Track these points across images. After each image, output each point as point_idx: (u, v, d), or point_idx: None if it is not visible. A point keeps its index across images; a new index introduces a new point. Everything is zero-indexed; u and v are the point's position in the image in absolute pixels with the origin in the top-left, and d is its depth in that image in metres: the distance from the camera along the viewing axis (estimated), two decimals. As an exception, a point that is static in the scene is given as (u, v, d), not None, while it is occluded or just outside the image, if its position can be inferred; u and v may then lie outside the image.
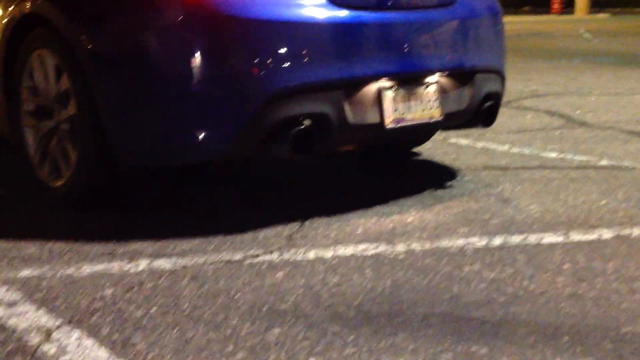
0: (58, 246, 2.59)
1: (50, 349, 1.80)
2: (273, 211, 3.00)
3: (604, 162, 3.82)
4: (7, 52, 3.19)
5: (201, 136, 2.68)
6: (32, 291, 2.18)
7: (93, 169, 2.88)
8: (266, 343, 1.84)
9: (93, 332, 1.90)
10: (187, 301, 2.10)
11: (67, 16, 2.87)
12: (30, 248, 2.58)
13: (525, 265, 2.36)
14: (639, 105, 5.85)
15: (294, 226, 2.79)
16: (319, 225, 2.80)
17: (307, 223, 2.83)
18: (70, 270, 2.36)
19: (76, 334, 1.89)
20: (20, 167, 3.36)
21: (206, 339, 1.86)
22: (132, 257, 2.48)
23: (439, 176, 3.60)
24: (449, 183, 3.44)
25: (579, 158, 3.93)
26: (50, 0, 2.96)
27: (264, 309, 2.05)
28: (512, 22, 25.84)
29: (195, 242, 2.62)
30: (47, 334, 1.88)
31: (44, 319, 1.98)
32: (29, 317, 1.99)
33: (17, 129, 3.23)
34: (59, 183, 3.04)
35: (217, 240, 2.64)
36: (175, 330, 1.91)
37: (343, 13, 2.77)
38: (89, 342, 1.84)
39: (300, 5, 2.71)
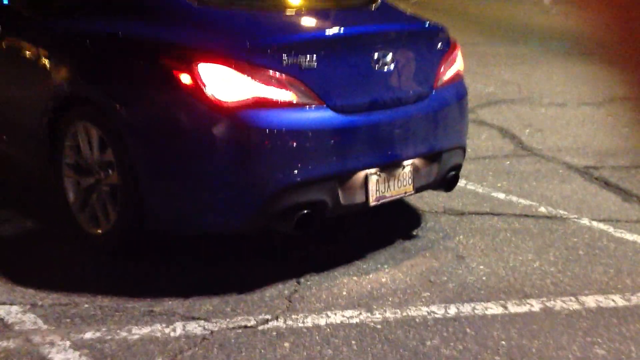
0: (106, 303, 3.24)
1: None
2: (272, 267, 3.67)
3: (542, 210, 4.57)
4: (51, 123, 3.76)
5: (222, 215, 3.34)
6: (99, 357, 2.85)
7: (129, 230, 3.51)
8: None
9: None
10: (220, 371, 2.81)
11: (109, 96, 3.45)
12: (83, 304, 3.23)
13: (472, 341, 3.11)
14: (582, 123, 6.61)
15: (291, 285, 3.48)
16: (312, 285, 3.50)
17: (302, 281, 3.53)
18: (124, 333, 3.02)
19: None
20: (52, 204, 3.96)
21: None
22: (168, 318, 3.15)
23: (406, 221, 4.31)
24: (415, 231, 4.16)
25: (522, 202, 4.68)
26: (92, 83, 3.53)
27: (279, 382, 2.77)
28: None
29: (215, 302, 3.30)
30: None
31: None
32: (105, 387, 2.67)
33: (58, 178, 3.82)
34: (97, 232, 3.67)
35: (232, 300, 3.32)
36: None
37: (341, 118, 3.40)
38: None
39: (307, 112, 3.32)
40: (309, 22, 3.72)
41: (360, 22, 3.86)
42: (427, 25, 3.99)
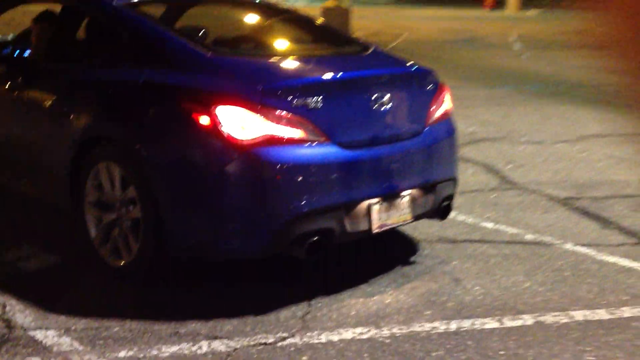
0: (134, 326, 3.50)
1: None
2: (284, 290, 3.95)
3: (529, 237, 4.91)
4: (73, 163, 4.04)
5: (239, 243, 3.63)
6: (135, 373, 3.11)
7: (151, 260, 3.78)
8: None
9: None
10: (247, 383, 3.07)
11: (133, 137, 3.76)
12: (113, 327, 3.49)
13: (474, 352, 3.40)
14: (559, 159, 7.01)
15: (303, 307, 3.76)
16: (322, 306, 3.79)
17: (312, 303, 3.81)
18: (154, 352, 3.28)
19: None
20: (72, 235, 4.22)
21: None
22: (194, 337, 3.41)
23: (404, 249, 4.62)
24: (412, 258, 4.47)
25: (510, 230, 5.02)
26: (116, 126, 3.84)
27: (302, 390, 3.03)
28: (443, 18, 26.75)
29: (235, 322, 3.57)
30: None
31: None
32: (144, 398, 2.92)
33: (80, 215, 4.09)
34: (120, 263, 3.93)
35: (250, 320, 3.59)
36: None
37: (344, 153, 3.73)
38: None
39: (314, 148, 3.65)
40: (313, 67, 4.07)
41: (359, 67, 4.23)
42: (417, 69, 4.37)
